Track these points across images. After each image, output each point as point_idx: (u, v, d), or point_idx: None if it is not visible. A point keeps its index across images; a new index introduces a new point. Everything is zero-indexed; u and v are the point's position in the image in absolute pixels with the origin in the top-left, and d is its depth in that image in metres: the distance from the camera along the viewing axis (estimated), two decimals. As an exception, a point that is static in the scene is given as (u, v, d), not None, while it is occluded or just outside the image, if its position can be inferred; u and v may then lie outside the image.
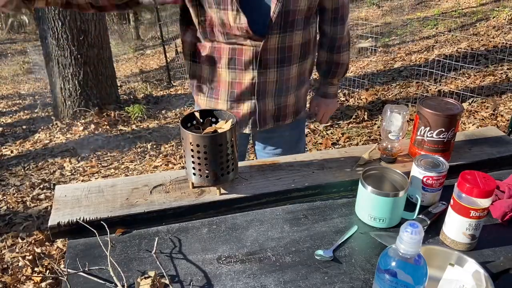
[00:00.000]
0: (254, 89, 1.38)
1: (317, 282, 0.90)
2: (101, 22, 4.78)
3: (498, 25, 6.18)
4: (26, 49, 12.03)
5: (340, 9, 1.41)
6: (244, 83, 1.36)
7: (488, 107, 3.85)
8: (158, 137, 4.24)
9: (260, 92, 1.39)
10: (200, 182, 1.12)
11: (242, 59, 1.32)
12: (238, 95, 1.39)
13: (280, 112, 1.47)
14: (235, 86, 1.38)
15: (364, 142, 3.55)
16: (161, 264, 0.95)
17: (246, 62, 1.32)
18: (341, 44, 1.49)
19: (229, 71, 1.35)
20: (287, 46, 1.33)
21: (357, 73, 5.40)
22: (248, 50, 1.30)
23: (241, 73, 1.35)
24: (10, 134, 4.76)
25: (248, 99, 1.40)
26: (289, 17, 1.27)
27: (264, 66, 1.34)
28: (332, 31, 1.46)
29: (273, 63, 1.34)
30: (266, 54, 1.31)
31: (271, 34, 1.28)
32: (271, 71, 1.35)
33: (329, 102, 1.63)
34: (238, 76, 1.35)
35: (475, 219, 0.93)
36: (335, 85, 1.61)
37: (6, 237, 2.67)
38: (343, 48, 1.51)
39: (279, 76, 1.38)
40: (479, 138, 1.40)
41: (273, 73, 1.36)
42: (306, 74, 1.48)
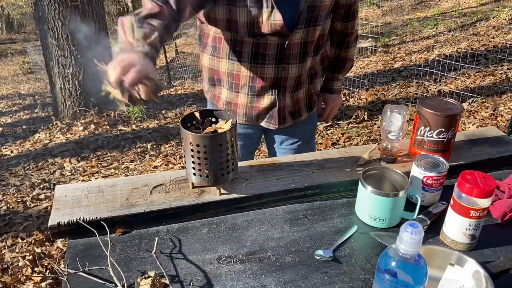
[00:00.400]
0: (275, 84, 1.39)
1: (317, 282, 0.90)
2: (101, 22, 4.78)
3: (498, 25, 6.18)
4: (26, 49, 12.02)
5: (353, 5, 1.43)
6: (265, 77, 1.37)
7: (488, 107, 3.85)
8: (158, 137, 4.24)
9: (281, 87, 1.40)
10: (200, 182, 1.12)
11: (266, 54, 1.33)
12: (259, 90, 1.40)
13: (295, 107, 1.49)
14: (257, 81, 1.38)
15: (364, 142, 3.55)
16: (161, 264, 0.95)
17: (269, 57, 1.33)
18: (350, 40, 1.52)
19: (252, 65, 1.36)
20: (309, 41, 1.35)
21: (357, 73, 5.40)
22: (273, 45, 1.31)
23: (263, 68, 1.36)
24: (10, 134, 4.76)
25: (269, 94, 1.41)
26: (314, 11, 1.29)
27: (287, 61, 1.35)
28: (343, 26, 1.48)
29: (295, 58, 1.36)
30: (289, 49, 1.33)
31: (297, 29, 1.29)
32: (293, 66, 1.37)
33: (335, 97, 1.66)
34: (260, 70, 1.36)
35: (475, 219, 0.93)
36: (340, 80, 1.64)
37: (6, 237, 2.67)
38: (351, 44, 1.54)
39: (299, 71, 1.40)
40: (479, 138, 1.40)
41: (294, 68, 1.38)
42: (317, 68, 1.50)
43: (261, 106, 1.44)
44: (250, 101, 1.43)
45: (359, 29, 6.71)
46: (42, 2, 4.41)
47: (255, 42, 1.31)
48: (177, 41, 8.97)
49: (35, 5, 4.63)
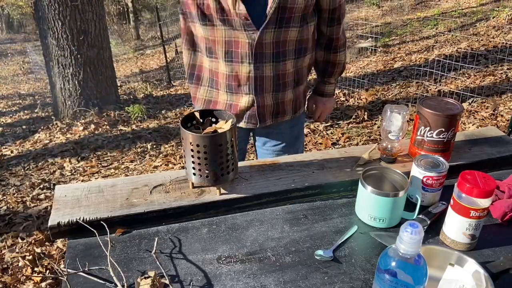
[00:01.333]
0: (251, 83, 1.40)
1: (317, 282, 0.90)
2: (101, 22, 4.79)
3: (498, 25, 6.19)
4: (26, 49, 12.03)
5: (337, 10, 1.42)
6: (241, 76, 1.38)
7: (488, 107, 3.85)
8: (158, 137, 4.25)
9: (258, 86, 1.41)
10: (200, 182, 1.12)
11: (238, 52, 1.34)
12: (236, 88, 1.42)
13: (279, 109, 1.49)
14: (233, 79, 1.40)
15: (364, 142, 3.55)
16: (161, 264, 0.95)
17: (242, 54, 1.34)
18: (338, 44, 1.52)
19: (226, 63, 1.37)
20: (281, 41, 1.35)
21: (357, 73, 5.40)
22: (244, 43, 1.32)
23: (237, 66, 1.37)
24: (10, 134, 4.76)
25: (246, 93, 1.42)
26: (285, 13, 1.29)
27: (260, 60, 1.36)
28: (328, 31, 1.48)
29: (268, 58, 1.36)
30: (261, 48, 1.33)
31: (267, 28, 1.30)
32: (267, 66, 1.37)
33: (326, 100, 1.66)
34: (235, 68, 1.38)
35: (475, 219, 0.93)
36: (332, 84, 1.63)
37: (6, 237, 2.67)
38: (340, 48, 1.53)
39: (275, 71, 1.40)
40: (479, 138, 1.40)
41: (269, 67, 1.38)
42: (304, 72, 1.50)
43: (239, 105, 1.44)
44: (229, 99, 1.45)
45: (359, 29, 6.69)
46: (42, 2, 4.41)
47: (227, 40, 1.33)
48: (177, 41, 8.98)
49: (35, 5, 4.63)
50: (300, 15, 1.33)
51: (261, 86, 1.41)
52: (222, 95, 1.45)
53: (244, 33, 1.30)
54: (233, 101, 1.44)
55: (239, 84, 1.40)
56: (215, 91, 1.47)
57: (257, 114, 1.46)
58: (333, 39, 1.49)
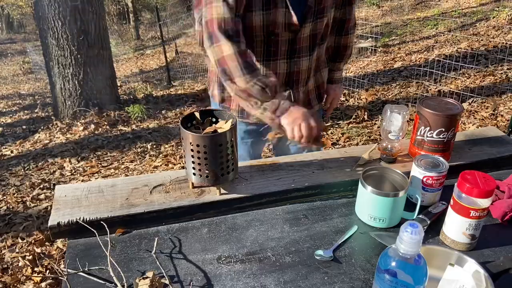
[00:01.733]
0: (288, 79, 1.40)
1: (317, 282, 0.90)
2: (101, 22, 4.79)
3: (498, 25, 6.18)
4: (26, 49, 12.03)
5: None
6: (279, 73, 1.38)
7: (488, 107, 3.85)
8: (158, 137, 4.24)
9: (294, 81, 1.41)
10: (200, 182, 1.12)
11: (278, 50, 1.34)
12: None
13: (306, 99, 1.50)
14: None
15: (364, 142, 3.55)
16: (161, 264, 0.95)
17: (281, 52, 1.34)
18: (349, 26, 1.53)
19: (265, 62, 1.37)
20: (317, 32, 1.36)
21: (357, 73, 5.40)
22: (284, 41, 1.32)
23: (275, 64, 1.37)
24: (10, 134, 4.76)
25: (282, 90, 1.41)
26: (321, 4, 1.31)
27: (298, 55, 1.36)
28: (341, 13, 1.49)
29: (305, 51, 1.37)
30: (300, 43, 1.34)
31: (306, 23, 1.31)
32: (304, 60, 1.38)
33: (336, 87, 1.66)
34: (273, 67, 1.37)
35: (475, 219, 0.93)
36: (341, 70, 1.65)
37: (6, 237, 2.67)
38: (351, 30, 1.55)
39: (310, 64, 1.41)
40: (479, 138, 1.40)
41: (305, 61, 1.39)
42: (323, 58, 1.51)
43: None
44: None
45: (359, 29, 6.69)
46: (42, 2, 4.41)
47: (268, 40, 1.32)
48: (177, 41, 8.98)
49: (35, 5, 4.63)
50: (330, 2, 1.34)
51: (297, 80, 1.42)
52: None
53: (285, 31, 1.30)
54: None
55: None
56: None
57: None
58: (345, 20, 1.50)
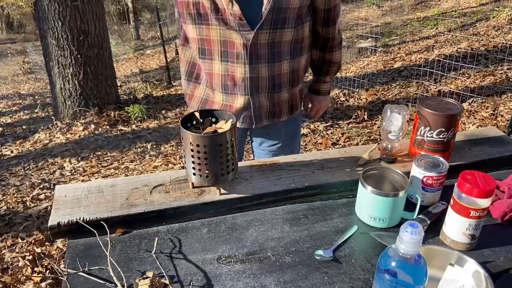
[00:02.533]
0: (247, 84, 1.39)
1: (317, 282, 0.90)
2: (101, 22, 4.78)
3: (498, 25, 6.18)
4: (26, 49, 12.02)
5: (332, 10, 1.42)
6: (236, 76, 1.38)
7: (488, 107, 3.85)
8: (158, 137, 4.24)
9: (253, 87, 1.41)
10: (200, 182, 1.12)
11: (234, 52, 1.34)
12: (232, 89, 1.41)
13: (275, 109, 1.49)
14: (228, 79, 1.40)
15: (364, 142, 3.55)
16: (161, 264, 0.95)
17: (238, 55, 1.34)
18: (333, 44, 1.52)
19: (222, 63, 1.37)
20: (277, 42, 1.35)
21: (357, 73, 5.40)
22: (239, 43, 1.32)
23: (233, 66, 1.37)
24: (10, 134, 4.76)
25: (241, 94, 1.42)
26: (280, 14, 1.29)
27: (255, 61, 1.36)
28: (324, 31, 1.48)
29: (264, 58, 1.36)
30: (256, 49, 1.33)
31: (262, 29, 1.30)
32: (262, 67, 1.37)
33: (322, 99, 1.66)
34: (231, 69, 1.38)
35: (475, 219, 0.93)
36: (328, 82, 1.64)
37: (6, 237, 2.67)
38: (335, 48, 1.53)
39: (270, 72, 1.40)
40: (479, 138, 1.40)
41: (264, 68, 1.38)
42: (300, 73, 1.50)
43: (235, 106, 1.44)
44: (225, 99, 1.45)
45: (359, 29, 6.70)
46: (42, 2, 4.41)
47: (223, 40, 1.32)
48: (177, 41, 8.96)
49: (35, 5, 4.63)
50: (295, 15, 1.33)
51: (257, 86, 1.41)
52: (218, 96, 1.45)
53: (239, 34, 1.30)
54: (229, 102, 1.44)
55: (234, 84, 1.40)
56: (211, 91, 1.47)
57: (253, 115, 1.46)
58: (329, 39, 1.49)
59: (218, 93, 1.44)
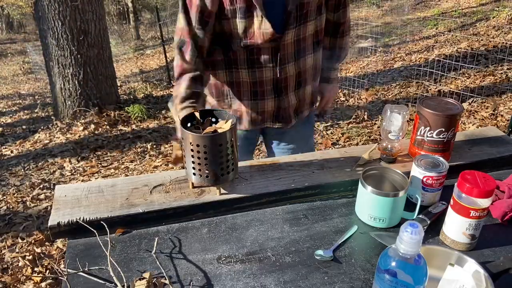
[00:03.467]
0: (276, 86, 1.40)
1: (317, 282, 0.90)
2: (101, 22, 4.79)
3: (498, 25, 6.18)
4: (26, 49, 12.02)
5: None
6: (265, 81, 1.38)
7: (488, 107, 3.85)
8: (158, 137, 4.24)
9: (282, 87, 1.41)
10: (200, 182, 1.12)
11: (261, 58, 1.33)
12: (262, 94, 1.41)
13: (300, 105, 1.50)
14: (257, 85, 1.39)
15: (364, 142, 3.55)
16: (161, 264, 0.95)
17: (265, 60, 1.34)
18: (344, 29, 1.53)
19: (250, 71, 1.36)
20: (302, 38, 1.35)
21: (357, 73, 5.40)
22: (267, 49, 1.32)
23: (261, 72, 1.36)
24: (10, 134, 4.76)
25: (271, 97, 1.42)
26: (303, 9, 1.30)
27: (283, 62, 1.36)
28: (335, 17, 1.48)
29: (291, 57, 1.36)
30: (284, 50, 1.33)
31: (289, 29, 1.30)
32: (290, 65, 1.38)
33: (331, 87, 1.66)
34: (259, 75, 1.37)
35: (475, 219, 0.93)
36: (336, 69, 1.64)
37: (6, 237, 2.67)
38: (345, 32, 1.54)
39: (297, 69, 1.40)
40: (479, 138, 1.40)
41: (292, 67, 1.38)
42: (319, 66, 1.51)
43: (266, 109, 1.44)
44: (254, 105, 1.43)
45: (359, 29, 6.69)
46: (42, 2, 4.41)
47: (249, 49, 1.32)
48: (177, 41, 8.94)
49: (35, 5, 4.63)
50: (316, 7, 1.33)
51: (286, 87, 1.41)
52: (246, 103, 1.43)
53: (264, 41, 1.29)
54: (259, 108, 1.44)
55: (264, 89, 1.39)
56: (237, 101, 1.44)
57: (284, 115, 1.46)
58: (340, 23, 1.50)
59: (246, 101, 1.43)
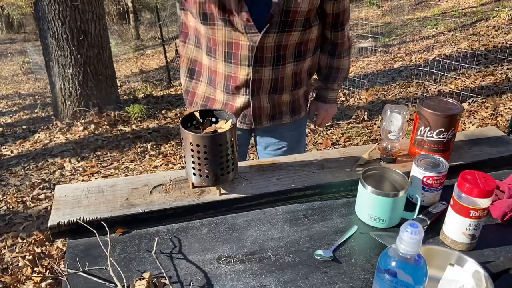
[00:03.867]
0: (249, 85, 1.39)
1: (317, 282, 0.90)
2: (101, 22, 4.79)
3: (498, 25, 6.19)
4: (26, 49, 12.03)
5: (341, 15, 1.40)
6: (239, 77, 1.38)
7: (488, 107, 3.85)
8: (158, 137, 4.24)
9: (255, 88, 1.40)
10: (200, 182, 1.12)
11: (238, 54, 1.33)
12: (233, 89, 1.41)
13: (276, 111, 1.49)
14: (231, 80, 1.40)
15: (364, 142, 3.55)
16: (161, 264, 0.95)
17: (242, 57, 1.33)
18: (342, 50, 1.49)
19: (226, 64, 1.37)
20: (283, 45, 1.34)
21: (357, 73, 5.40)
22: (245, 45, 1.31)
23: (236, 68, 1.36)
24: (10, 134, 4.76)
25: (242, 94, 1.42)
26: (289, 16, 1.28)
27: (260, 64, 1.35)
28: (333, 36, 1.45)
29: (268, 61, 1.35)
30: (262, 52, 1.32)
31: (269, 32, 1.29)
32: (266, 69, 1.37)
33: (328, 107, 1.63)
34: (234, 70, 1.37)
35: (475, 219, 0.93)
36: (335, 90, 1.60)
37: (6, 237, 2.67)
38: (344, 54, 1.50)
39: (274, 75, 1.39)
40: (479, 138, 1.40)
41: (268, 71, 1.37)
42: (304, 75, 1.48)
43: (235, 105, 1.44)
44: (226, 98, 1.44)
45: (358, 29, 6.69)
46: (42, 2, 4.41)
47: (228, 41, 1.32)
48: (177, 41, 8.97)
49: (35, 5, 4.63)
50: (303, 18, 1.31)
51: (258, 88, 1.40)
52: (219, 94, 1.45)
53: (245, 36, 1.29)
54: (230, 101, 1.44)
55: (236, 85, 1.40)
56: (213, 89, 1.46)
57: (253, 115, 1.46)
58: (337, 44, 1.47)
59: (219, 91, 1.44)
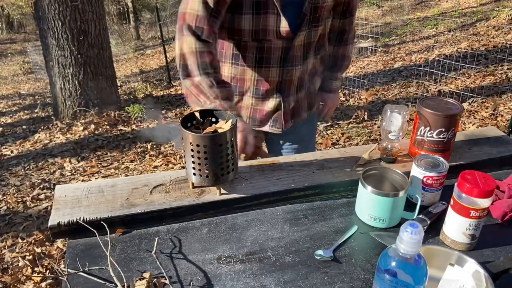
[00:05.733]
0: (280, 87, 1.38)
1: (317, 282, 0.90)
2: (101, 22, 4.79)
3: (498, 25, 6.19)
4: (26, 49, 12.02)
5: (351, 1, 1.42)
6: (270, 80, 1.37)
7: (488, 107, 3.85)
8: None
9: (286, 89, 1.40)
10: (200, 182, 1.12)
11: (270, 57, 1.32)
12: (264, 93, 1.40)
13: (296, 108, 1.49)
14: (261, 84, 1.38)
15: (364, 142, 3.55)
16: (161, 264, 0.95)
17: (274, 60, 1.32)
18: (349, 37, 1.51)
19: (256, 69, 1.35)
20: (311, 41, 1.35)
21: (357, 73, 5.40)
22: (278, 48, 1.30)
23: (268, 71, 1.35)
24: (10, 134, 4.76)
25: (273, 97, 1.41)
26: (317, 12, 1.29)
27: (290, 64, 1.35)
28: (341, 23, 1.47)
29: (299, 60, 1.36)
30: (293, 51, 1.32)
31: (301, 31, 1.29)
32: (297, 68, 1.37)
33: (333, 96, 1.65)
34: (265, 74, 1.36)
35: (475, 219, 0.93)
36: (339, 79, 1.63)
37: (6, 237, 2.67)
38: (350, 41, 1.53)
39: (301, 73, 1.39)
40: (479, 138, 1.40)
41: (298, 69, 1.37)
42: (317, 68, 1.49)
43: (265, 110, 1.43)
44: (255, 104, 1.43)
45: (359, 29, 6.70)
46: (42, 2, 4.41)
47: (259, 46, 1.30)
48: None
49: (35, 5, 4.63)
50: (327, 12, 1.33)
51: (289, 88, 1.40)
52: (246, 100, 1.43)
53: (279, 40, 1.28)
54: (258, 106, 1.43)
55: (267, 89, 1.38)
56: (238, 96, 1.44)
57: (283, 117, 1.45)
58: (345, 31, 1.49)
59: (247, 98, 1.42)
